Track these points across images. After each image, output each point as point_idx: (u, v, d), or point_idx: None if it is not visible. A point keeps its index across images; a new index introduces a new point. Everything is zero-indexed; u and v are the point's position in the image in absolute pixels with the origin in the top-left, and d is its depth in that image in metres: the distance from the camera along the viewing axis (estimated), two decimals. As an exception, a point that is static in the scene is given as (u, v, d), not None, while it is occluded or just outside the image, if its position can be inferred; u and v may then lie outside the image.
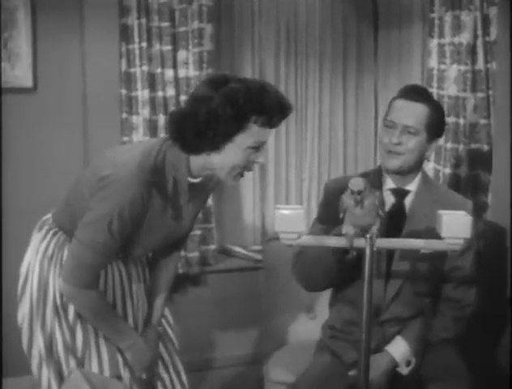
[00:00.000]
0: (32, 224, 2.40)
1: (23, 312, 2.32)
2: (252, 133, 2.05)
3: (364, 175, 2.48)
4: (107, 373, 2.28)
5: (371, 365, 2.14)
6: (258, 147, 2.09)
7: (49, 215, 2.39)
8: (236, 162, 2.10)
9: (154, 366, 2.41)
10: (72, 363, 2.25)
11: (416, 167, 2.59)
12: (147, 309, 2.43)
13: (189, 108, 2.09)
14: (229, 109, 2.00)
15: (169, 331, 2.51)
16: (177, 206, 2.22)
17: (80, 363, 2.26)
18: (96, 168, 2.19)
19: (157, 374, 2.42)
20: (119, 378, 2.31)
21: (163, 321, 2.49)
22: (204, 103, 2.03)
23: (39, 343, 2.27)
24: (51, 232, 2.31)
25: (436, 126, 2.55)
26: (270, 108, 2.03)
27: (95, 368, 2.27)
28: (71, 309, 2.26)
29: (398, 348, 2.56)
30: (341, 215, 2.12)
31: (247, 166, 2.14)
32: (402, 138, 2.51)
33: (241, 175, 2.17)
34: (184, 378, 2.49)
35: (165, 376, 2.45)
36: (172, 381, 2.46)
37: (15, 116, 3.40)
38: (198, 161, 2.15)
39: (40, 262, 2.29)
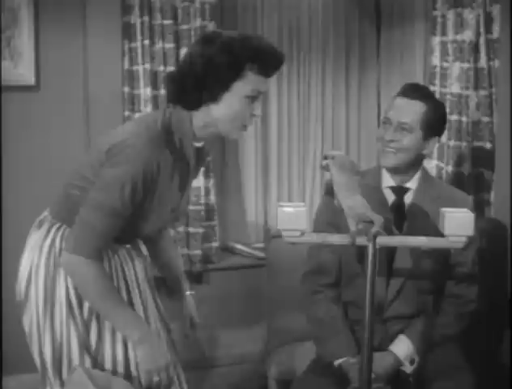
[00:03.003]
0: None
1: (29, 317, 2.26)
2: (248, 81, 2.10)
3: (364, 173, 2.49)
4: (121, 371, 2.23)
5: (375, 363, 2.15)
6: (254, 97, 2.13)
7: (45, 213, 2.34)
8: (236, 112, 2.13)
9: (170, 367, 2.25)
10: (87, 361, 2.21)
11: (414, 164, 2.59)
12: (154, 304, 2.38)
13: (185, 64, 2.14)
14: (225, 56, 2.06)
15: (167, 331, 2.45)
16: (184, 172, 2.23)
17: (94, 361, 2.22)
18: (100, 145, 2.19)
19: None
20: (130, 377, 2.24)
21: (160, 323, 2.41)
22: (200, 55, 2.09)
23: (47, 346, 2.23)
24: (54, 228, 2.26)
25: (433, 124, 2.55)
26: (264, 54, 2.09)
27: (108, 366, 2.22)
28: (86, 305, 2.21)
29: (402, 347, 2.55)
30: (335, 202, 2.14)
31: (246, 119, 2.16)
32: (396, 136, 2.52)
33: (243, 129, 2.20)
34: (183, 379, 2.43)
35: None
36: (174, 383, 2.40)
37: (18, 114, 3.40)
38: (199, 119, 2.17)
39: (45, 259, 2.23)
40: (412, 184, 2.60)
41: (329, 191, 2.32)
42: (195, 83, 2.10)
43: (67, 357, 2.23)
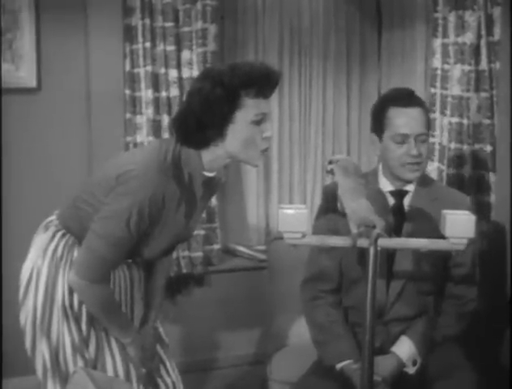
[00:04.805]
0: (35, 225, 2.39)
1: (26, 314, 2.30)
2: (248, 107, 2.10)
3: (364, 176, 2.49)
4: (121, 374, 2.28)
5: (377, 366, 2.15)
6: (260, 121, 2.12)
7: (53, 217, 2.36)
8: (246, 140, 2.12)
9: (152, 361, 2.41)
10: (80, 364, 2.23)
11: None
12: (142, 312, 2.43)
13: (185, 105, 2.16)
14: (218, 89, 2.06)
15: (163, 336, 2.50)
16: (191, 202, 2.23)
17: (90, 365, 2.24)
18: (111, 168, 2.20)
19: (161, 377, 2.42)
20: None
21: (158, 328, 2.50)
22: (196, 94, 2.10)
23: (44, 347, 2.26)
24: (59, 234, 2.28)
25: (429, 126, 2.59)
26: (256, 77, 2.09)
27: (110, 370, 2.27)
28: (84, 310, 2.24)
29: (405, 349, 2.55)
30: (338, 205, 2.15)
31: (259, 144, 2.14)
32: (419, 148, 2.51)
33: (262, 154, 2.18)
34: (180, 382, 2.49)
35: (168, 379, 2.44)
36: (173, 384, 2.46)
37: (19, 116, 3.40)
38: (210, 155, 2.17)
39: (48, 263, 2.26)
40: (410, 186, 2.60)
41: (328, 197, 2.33)
42: (197, 123, 2.10)
43: (63, 360, 2.26)
